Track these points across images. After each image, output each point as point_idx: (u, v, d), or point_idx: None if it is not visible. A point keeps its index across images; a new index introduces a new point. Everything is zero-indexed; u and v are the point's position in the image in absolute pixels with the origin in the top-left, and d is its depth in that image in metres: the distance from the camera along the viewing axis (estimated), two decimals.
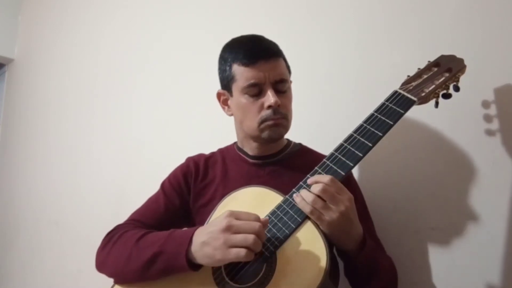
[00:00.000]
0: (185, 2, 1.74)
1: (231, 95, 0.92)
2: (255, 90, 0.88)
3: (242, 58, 0.88)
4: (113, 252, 0.86)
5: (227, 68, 0.91)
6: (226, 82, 0.92)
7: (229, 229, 0.70)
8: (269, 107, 0.87)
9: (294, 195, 0.77)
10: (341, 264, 0.86)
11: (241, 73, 0.88)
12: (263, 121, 0.88)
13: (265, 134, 0.90)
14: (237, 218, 0.72)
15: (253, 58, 0.87)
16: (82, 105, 2.19)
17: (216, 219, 0.75)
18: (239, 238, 0.69)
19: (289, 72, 0.94)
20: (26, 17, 2.88)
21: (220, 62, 0.95)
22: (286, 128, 0.92)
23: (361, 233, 0.79)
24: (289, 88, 0.93)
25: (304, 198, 0.75)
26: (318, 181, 0.75)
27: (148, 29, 1.88)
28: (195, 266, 0.76)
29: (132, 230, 0.88)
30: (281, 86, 0.90)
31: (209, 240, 0.72)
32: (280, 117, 0.88)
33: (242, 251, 0.69)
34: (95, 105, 2.10)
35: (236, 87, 0.90)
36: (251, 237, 0.69)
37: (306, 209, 0.74)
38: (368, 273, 0.80)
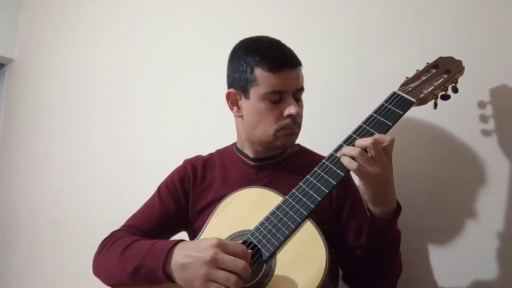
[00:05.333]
0: (185, 3, 1.74)
1: (247, 97, 0.90)
2: (277, 97, 0.87)
3: (269, 64, 0.86)
4: (104, 261, 0.87)
5: (248, 70, 0.88)
6: (244, 83, 0.90)
7: (213, 262, 0.69)
8: (289, 116, 0.87)
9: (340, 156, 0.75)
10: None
11: (265, 79, 0.86)
12: (281, 129, 0.88)
13: (279, 142, 0.90)
14: (224, 250, 0.70)
15: (280, 65, 0.86)
16: (82, 105, 2.19)
17: (202, 242, 0.73)
18: (221, 275, 0.68)
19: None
20: (26, 17, 2.88)
21: (235, 62, 0.92)
22: (297, 136, 0.93)
23: (395, 199, 0.79)
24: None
25: (348, 153, 0.73)
26: (364, 140, 0.74)
27: (148, 29, 1.89)
28: (173, 280, 0.75)
29: (122, 238, 0.87)
30: (299, 94, 0.90)
31: (189, 265, 0.71)
32: (297, 127, 0.90)
33: None
34: (95, 105, 2.10)
35: (256, 91, 0.88)
36: (233, 278, 0.68)
37: (353, 165, 0.72)
38: (397, 244, 0.82)
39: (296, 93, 0.89)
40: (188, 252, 0.73)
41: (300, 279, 0.70)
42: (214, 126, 1.50)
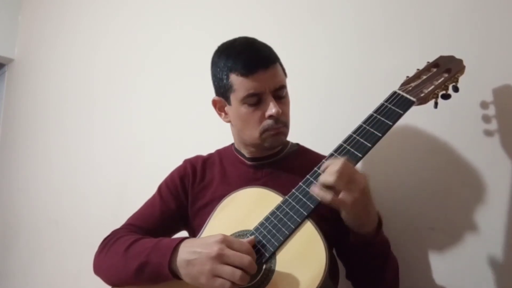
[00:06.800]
0: (185, 3, 1.74)
1: (229, 103, 0.91)
2: (255, 100, 0.87)
3: (241, 68, 0.86)
4: (106, 260, 0.87)
5: (224, 77, 0.89)
6: (223, 90, 0.91)
7: (219, 257, 0.69)
8: (271, 116, 0.87)
9: (312, 186, 0.75)
10: (341, 268, 0.86)
11: (240, 83, 0.87)
12: (265, 130, 0.88)
13: (267, 143, 0.90)
14: (229, 246, 0.71)
15: (252, 68, 0.85)
16: (82, 105, 2.19)
17: (207, 238, 0.73)
18: (227, 270, 0.69)
19: (285, 74, 0.93)
20: (26, 17, 2.88)
21: (214, 69, 0.93)
22: (286, 135, 0.92)
23: (377, 212, 0.79)
24: (287, 92, 0.92)
25: (324, 182, 0.72)
26: (332, 165, 0.72)
27: (148, 29, 1.89)
28: (179, 277, 0.75)
29: (125, 236, 0.87)
30: (280, 93, 0.89)
31: (195, 261, 0.71)
32: (281, 126, 0.89)
33: (227, 284, 0.68)
34: (95, 105, 2.10)
35: (234, 97, 0.89)
36: (238, 273, 0.68)
37: (327, 197, 0.71)
38: (383, 261, 0.81)
39: (276, 92, 0.88)
40: (193, 249, 0.73)
41: (300, 279, 0.70)
42: (214, 126, 1.50)
